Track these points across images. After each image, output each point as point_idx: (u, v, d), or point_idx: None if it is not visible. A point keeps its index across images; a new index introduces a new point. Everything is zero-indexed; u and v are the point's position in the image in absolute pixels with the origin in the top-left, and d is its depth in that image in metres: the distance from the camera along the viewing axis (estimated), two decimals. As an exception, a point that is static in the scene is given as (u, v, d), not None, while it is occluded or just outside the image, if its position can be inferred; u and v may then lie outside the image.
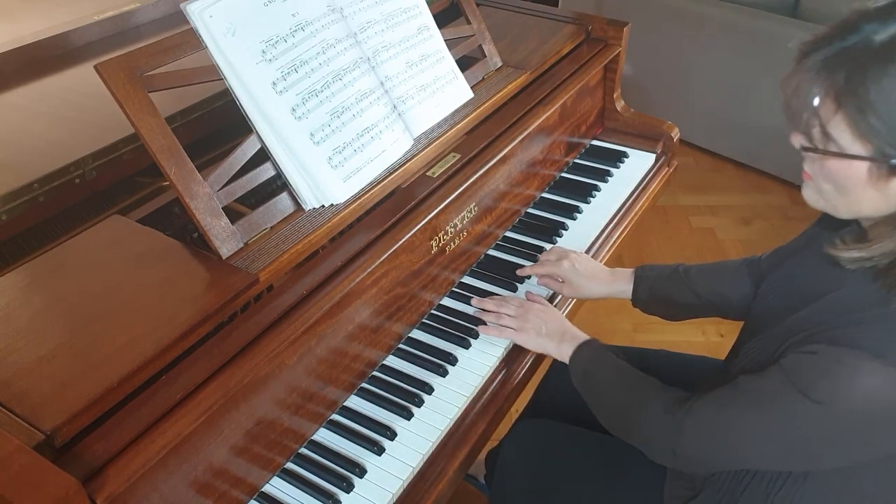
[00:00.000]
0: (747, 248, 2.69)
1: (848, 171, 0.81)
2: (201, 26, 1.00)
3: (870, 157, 0.78)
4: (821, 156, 0.82)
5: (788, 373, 0.85)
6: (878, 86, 0.74)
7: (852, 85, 0.76)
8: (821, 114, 0.80)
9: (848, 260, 0.86)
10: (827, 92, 0.78)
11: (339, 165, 1.11)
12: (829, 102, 0.79)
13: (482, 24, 1.47)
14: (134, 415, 0.83)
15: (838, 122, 0.78)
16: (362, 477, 1.04)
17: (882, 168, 0.78)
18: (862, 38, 0.76)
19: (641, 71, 3.18)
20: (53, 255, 1.01)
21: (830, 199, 0.86)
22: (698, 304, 1.27)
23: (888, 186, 0.79)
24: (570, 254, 1.36)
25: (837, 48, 0.78)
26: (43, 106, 1.29)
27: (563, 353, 1.17)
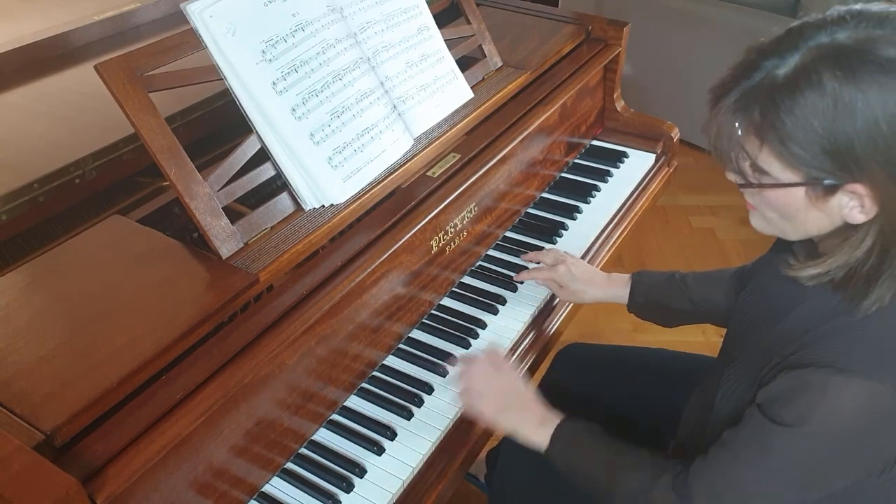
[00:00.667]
0: (747, 248, 2.69)
1: (787, 199, 0.83)
2: (201, 26, 1.00)
3: (803, 183, 0.80)
4: (759, 189, 0.84)
5: (763, 409, 0.86)
6: (793, 116, 0.76)
7: (769, 119, 0.78)
8: (748, 150, 0.83)
9: (806, 277, 0.87)
10: (747, 129, 0.81)
11: (339, 165, 1.11)
12: (752, 139, 0.81)
13: (482, 24, 1.47)
14: (134, 415, 0.83)
15: (766, 156, 0.81)
16: (362, 477, 1.04)
17: (817, 190, 0.80)
18: (765, 74, 0.79)
19: (641, 71, 3.18)
20: (53, 255, 1.01)
21: (778, 225, 0.88)
22: (693, 310, 1.27)
23: (827, 205, 0.81)
24: (567, 258, 1.35)
25: (746, 87, 0.81)
26: (43, 106, 1.29)
27: (537, 438, 1.05)
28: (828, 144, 0.76)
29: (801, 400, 0.82)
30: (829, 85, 0.74)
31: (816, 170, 0.78)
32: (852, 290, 0.83)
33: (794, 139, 0.77)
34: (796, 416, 0.82)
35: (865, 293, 0.82)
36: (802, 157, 0.78)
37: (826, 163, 0.77)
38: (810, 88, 0.75)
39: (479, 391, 1.09)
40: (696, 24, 3.01)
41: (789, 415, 0.83)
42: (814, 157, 0.77)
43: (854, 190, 0.78)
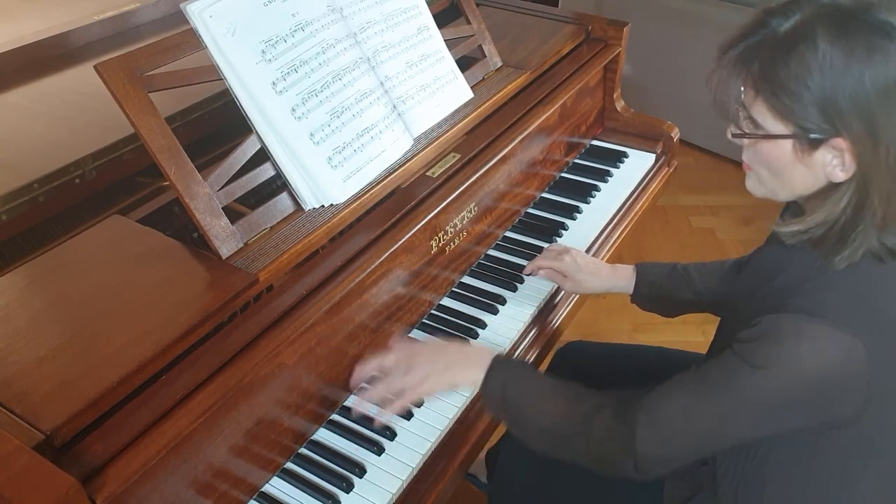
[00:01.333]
0: (747, 248, 2.66)
1: (776, 152, 0.88)
2: (201, 26, 1.00)
3: (791, 135, 0.85)
4: (752, 141, 0.90)
5: (736, 349, 0.88)
6: (786, 69, 0.82)
7: (765, 71, 0.85)
8: (744, 102, 0.89)
9: (788, 234, 0.91)
10: (745, 81, 0.88)
11: (338, 165, 1.11)
12: (748, 90, 0.88)
13: (482, 24, 1.47)
14: (134, 415, 0.83)
15: (759, 107, 0.87)
16: (362, 477, 1.03)
17: (803, 143, 0.85)
18: (769, 30, 0.86)
19: (641, 71, 3.17)
20: (53, 255, 1.01)
21: (768, 184, 0.94)
22: (696, 300, 1.30)
23: (812, 161, 0.86)
24: (571, 249, 1.37)
25: (750, 41, 0.87)
26: (43, 106, 1.29)
27: (472, 375, 1.04)
28: (816, 98, 0.81)
29: (773, 343, 0.85)
30: (822, 42, 0.80)
31: (805, 121, 0.83)
32: (827, 247, 0.88)
33: (785, 91, 0.83)
34: (765, 359, 0.85)
35: (839, 249, 0.87)
36: (792, 108, 0.83)
37: (813, 115, 0.82)
38: (804, 44, 0.81)
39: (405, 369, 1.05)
40: (696, 24, 3.01)
41: (759, 356, 0.85)
42: (802, 109, 0.83)
43: (836, 145, 0.83)
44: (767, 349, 0.85)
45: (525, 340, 1.30)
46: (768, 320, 0.86)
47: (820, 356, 0.83)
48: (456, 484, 1.11)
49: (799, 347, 0.83)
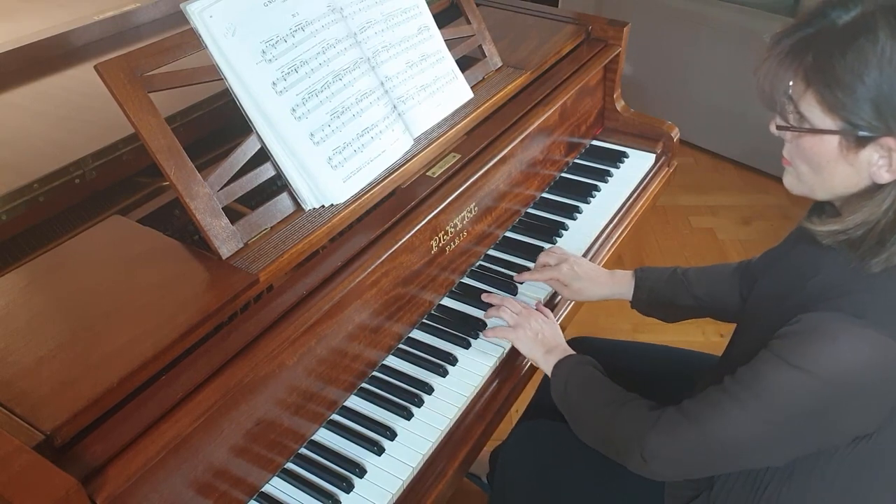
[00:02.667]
0: (747, 248, 2.69)
1: (820, 147, 0.85)
2: (201, 26, 1.00)
3: (839, 130, 0.83)
4: (796, 135, 0.87)
5: (773, 349, 0.87)
6: (843, 61, 0.80)
7: (819, 63, 0.82)
8: (792, 94, 0.86)
9: (824, 234, 0.90)
10: (797, 73, 0.84)
11: (339, 165, 1.11)
12: (799, 82, 0.85)
13: (482, 24, 1.47)
14: (134, 415, 0.83)
15: (809, 100, 0.84)
16: (362, 477, 1.03)
17: (850, 140, 0.83)
18: (827, 21, 0.83)
19: (641, 71, 3.18)
20: (53, 255, 1.01)
21: (807, 181, 0.91)
22: (696, 305, 1.28)
23: (857, 159, 0.84)
24: (570, 257, 1.36)
25: (806, 32, 0.84)
26: (43, 106, 1.29)
27: (548, 362, 1.16)
28: (870, 93, 0.79)
29: (812, 342, 0.83)
30: (883, 36, 0.78)
31: (855, 117, 0.81)
32: (864, 249, 0.86)
33: (840, 84, 0.80)
34: (804, 359, 0.83)
35: (877, 251, 0.85)
36: (844, 102, 0.81)
37: (865, 111, 0.80)
38: (864, 37, 0.79)
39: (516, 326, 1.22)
40: (696, 24, 3.01)
41: (798, 356, 0.84)
42: (855, 103, 0.80)
43: (885, 144, 0.81)
44: (805, 347, 0.84)
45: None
46: (809, 318, 0.85)
47: (859, 356, 0.81)
48: (456, 484, 1.11)
49: (838, 347, 0.82)
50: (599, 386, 1.09)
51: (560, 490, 1.22)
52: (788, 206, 2.89)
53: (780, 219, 2.84)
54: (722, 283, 1.26)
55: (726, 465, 0.96)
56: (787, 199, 2.93)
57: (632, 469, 1.01)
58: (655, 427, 0.95)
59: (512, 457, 1.30)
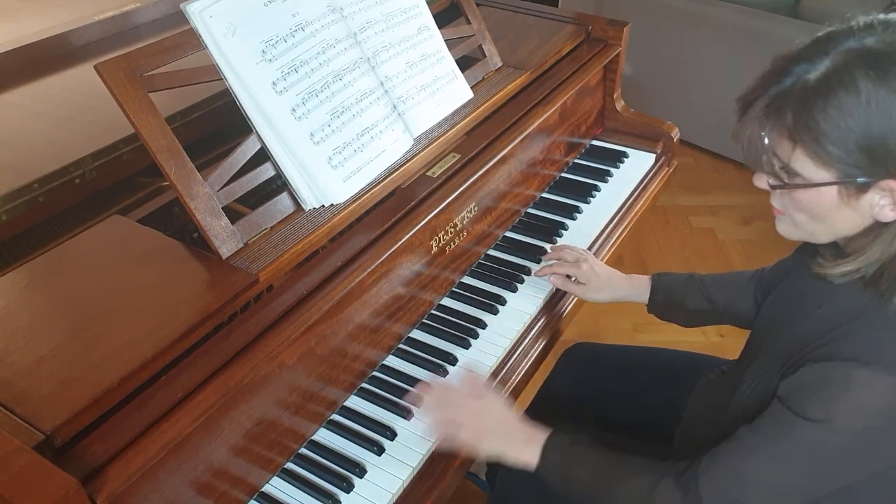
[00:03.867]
0: (747, 248, 2.69)
1: (819, 199, 0.85)
2: (201, 26, 1.00)
3: (836, 181, 0.82)
4: (791, 190, 0.86)
5: (784, 400, 0.87)
6: (826, 116, 0.79)
7: (802, 121, 0.81)
8: (779, 154, 0.85)
9: (837, 275, 0.88)
10: (780, 132, 0.83)
11: (339, 165, 1.11)
12: (784, 142, 0.83)
13: (482, 24, 1.47)
14: (134, 415, 0.83)
15: (798, 157, 0.83)
16: (362, 477, 1.03)
17: (850, 188, 0.82)
18: (796, 78, 0.82)
19: (641, 71, 3.17)
20: (53, 255, 1.01)
21: (807, 228, 0.90)
22: (711, 310, 1.28)
23: (859, 203, 0.83)
24: (589, 257, 1.36)
25: (776, 91, 0.83)
26: (43, 106, 1.29)
27: (525, 457, 1.02)
28: (862, 142, 0.78)
29: (825, 393, 0.83)
30: (864, 84, 0.77)
31: (850, 167, 0.80)
32: (883, 287, 0.85)
33: (828, 138, 0.79)
34: (820, 410, 0.83)
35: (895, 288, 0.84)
36: (837, 155, 0.80)
37: (860, 160, 0.79)
38: (843, 89, 0.78)
39: (458, 421, 1.04)
40: (696, 24, 3.01)
41: (813, 408, 0.83)
42: (848, 154, 0.80)
43: (886, 186, 0.80)
44: (819, 399, 0.83)
45: (525, 340, 1.29)
46: (815, 370, 0.84)
47: (877, 401, 0.81)
48: (456, 484, 1.11)
49: (852, 394, 0.81)
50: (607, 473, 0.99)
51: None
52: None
53: (781, 219, 2.83)
54: (738, 289, 1.25)
55: None
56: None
57: None
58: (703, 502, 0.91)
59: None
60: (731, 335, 1.13)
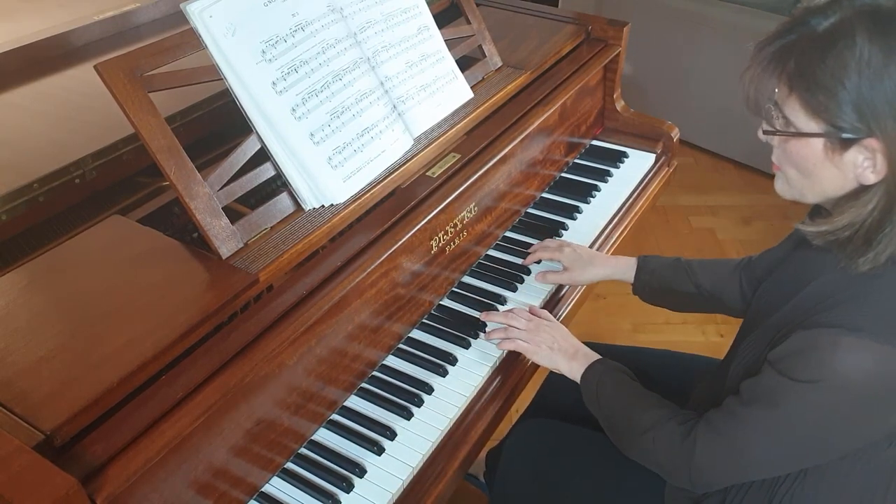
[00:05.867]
0: (747, 248, 2.69)
1: (806, 151, 0.87)
2: (201, 26, 1.00)
3: (823, 133, 0.84)
4: (783, 140, 0.89)
5: (774, 364, 0.89)
6: (823, 66, 0.82)
7: (801, 68, 0.84)
8: (777, 99, 0.88)
9: (813, 234, 0.91)
10: (780, 78, 0.87)
11: (339, 165, 1.11)
12: (782, 87, 0.87)
13: (482, 24, 1.47)
14: (134, 415, 0.83)
15: (792, 105, 0.86)
16: (362, 477, 1.04)
17: (835, 143, 0.84)
18: (807, 28, 0.85)
19: (641, 71, 3.18)
20: (53, 255, 1.01)
21: (797, 185, 0.92)
22: (697, 294, 1.30)
23: (843, 161, 0.85)
24: (571, 243, 1.40)
25: (787, 39, 0.86)
26: (43, 106, 1.29)
27: (573, 370, 1.16)
28: (851, 96, 0.81)
29: (813, 357, 0.84)
30: (861, 41, 0.79)
31: (838, 119, 0.82)
32: (851, 248, 0.87)
33: (820, 88, 0.82)
34: (808, 373, 0.84)
35: (863, 251, 0.86)
36: (826, 106, 0.82)
37: (848, 114, 0.81)
38: (843, 42, 0.80)
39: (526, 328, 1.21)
40: (696, 24, 3.01)
41: (802, 371, 0.85)
42: (837, 107, 0.82)
43: (869, 146, 0.82)
44: (807, 362, 0.85)
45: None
46: (804, 336, 0.86)
47: (863, 365, 0.82)
48: (456, 484, 1.11)
49: (839, 356, 0.82)
50: (631, 398, 1.08)
51: (560, 489, 1.22)
52: (788, 206, 2.86)
53: (780, 219, 2.83)
54: (723, 277, 1.28)
55: (763, 473, 0.98)
56: (786, 199, 2.92)
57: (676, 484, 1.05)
58: (695, 453, 0.96)
59: (512, 455, 1.30)
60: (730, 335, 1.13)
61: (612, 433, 1.10)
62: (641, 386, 1.10)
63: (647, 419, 1.04)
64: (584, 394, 1.14)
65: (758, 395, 0.91)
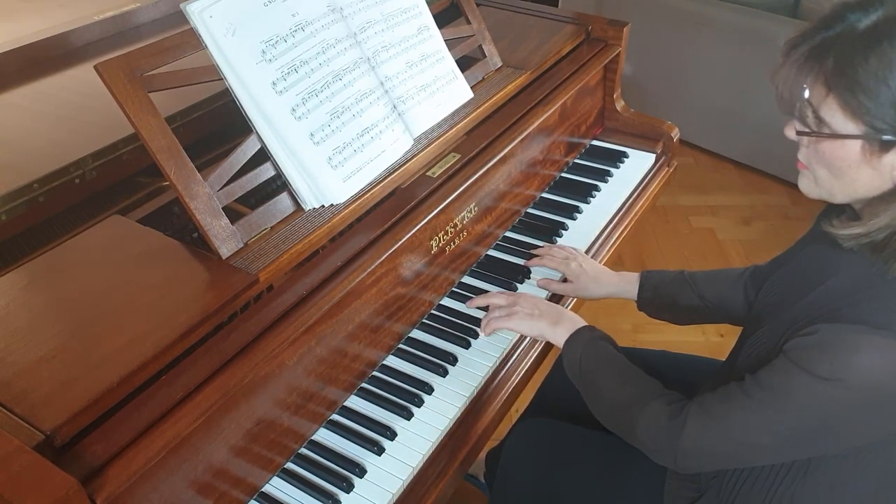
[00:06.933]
0: (747, 248, 2.69)
1: (842, 152, 0.84)
2: (201, 26, 1.00)
3: (862, 135, 0.82)
4: (815, 140, 0.86)
5: (791, 356, 0.86)
6: (866, 66, 0.78)
7: (841, 67, 0.80)
8: (812, 100, 0.84)
9: (846, 237, 0.88)
10: (816, 77, 0.83)
11: (339, 165, 1.11)
12: (819, 87, 0.83)
13: (482, 24, 1.47)
14: (134, 415, 0.83)
15: (830, 105, 0.83)
16: (362, 477, 1.03)
17: (874, 145, 0.82)
18: (847, 25, 0.82)
19: (641, 71, 3.18)
20: (53, 255, 1.01)
21: (826, 185, 0.89)
22: (702, 306, 1.28)
23: (881, 162, 0.82)
24: (577, 255, 1.38)
25: (824, 37, 0.83)
26: (43, 106, 1.29)
27: (558, 335, 1.15)
28: (895, 97, 0.78)
29: (834, 353, 0.82)
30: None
31: (879, 122, 0.80)
32: (888, 252, 0.84)
33: (863, 89, 0.79)
34: (828, 368, 0.82)
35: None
36: (868, 107, 0.79)
37: (890, 115, 0.79)
38: (888, 41, 0.78)
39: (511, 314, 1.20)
40: (696, 24, 3.01)
41: (820, 365, 0.83)
42: (879, 108, 0.79)
43: None
44: (829, 358, 0.82)
45: (526, 339, 1.29)
46: (827, 330, 0.84)
47: (886, 366, 0.80)
48: (456, 484, 1.11)
49: (861, 357, 0.81)
50: (615, 371, 1.07)
51: (560, 488, 1.22)
52: (788, 206, 2.89)
53: (780, 219, 2.83)
54: (728, 286, 1.26)
55: (753, 461, 0.97)
56: (787, 199, 2.93)
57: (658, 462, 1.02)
58: (683, 433, 0.94)
59: (513, 456, 1.30)
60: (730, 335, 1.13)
61: (592, 404, 1.09)
62: (626, 359, 1.08)
63: (632, 394, 1.02)
64: (566, 361, 1.12)
65: (767, 383, 0.88)
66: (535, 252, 1.42)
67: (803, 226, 1.11)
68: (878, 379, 0.81)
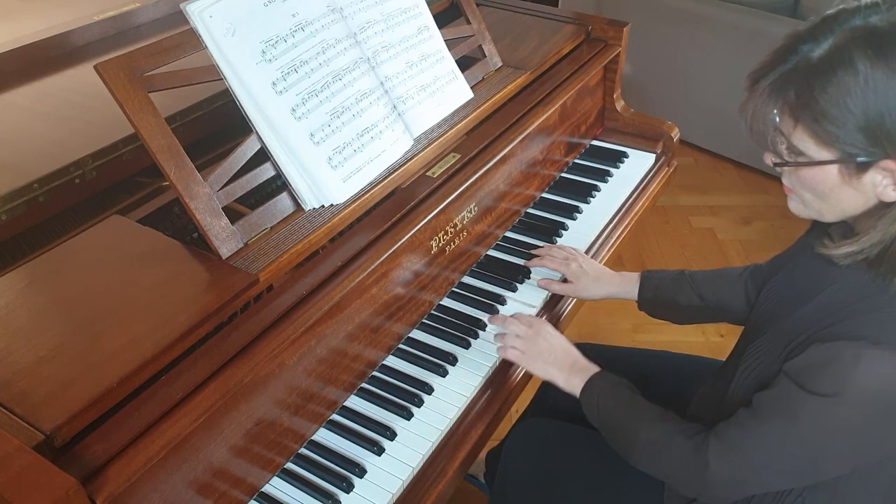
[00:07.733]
0: (747, 248, 2.69)
1: (821, 177, 0.85)
2: (201, 26, 1.00)
3: (837, 160, 0.83)
4: (794, 168, 0.87)
5: (793, 377, 0.87)
6: (826, 95, 0.80)
7: (803, 99, 0.82)
8: (783, 130, 0.86)
9: (841, 256, 0.89)
10: (782, 109, 0.85)
11: (338, 165, 1.11)
12: (787, 119, 0.85)
13: (482, 24, 1.47)
14: (134, 415, 0.83)
15: (800, 135, 0.84)
16: (362, 477, 1.04)
17: (850, 167, 0.83)
18: (801, 57, 0.83)
19: (641, 71, 3.18)
20: (53, 255, 1.01)
21: (814, 206, 0.91)
22: (702, 306, 1.28)
23: (861, 182, 0.83)
24: (578, 256, 1.38)
25: (782, 70, 0.84)
26: (43, 106, 1.29)
27: (571, 384, 1.13)
28: (860, 122, 0.79)
29: (834, 371, 0.83)
30: (862, 64, 0.78)
31: (850, 146, 0.81)
32: (885, 267, 0.85)
33: (827, 117, 0.80)
34: (829, 387, 0.83)
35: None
36: (836, 134, 0.81)
37: (859, 139, 0.80)
38: (843, 68, 0.79)
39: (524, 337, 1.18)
40: (696, 24, 3.01)
41: (822, 385, 0.83)
42: (847, 134, 0.80)
43: (886, 166, 0.81)
44: (827, 376, 0.83)
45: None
46: (824, 349, 0.84)
47: (885, 379, 0.81)
48: (456, 484, 1.11)
49: (860, 371, 0.81)
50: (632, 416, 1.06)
51: (560, 488, 1.22)
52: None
53: (780, 219, 2.83)
54: (728, 285, 1.26)
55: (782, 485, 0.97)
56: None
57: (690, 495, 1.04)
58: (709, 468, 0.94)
59: (512, 456, 1.30)
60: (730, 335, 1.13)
61: (616, 446, 1.08)
62: (643, 398, 1.08)
63: (653, 434, 1.02)
64: (586, 409, 1.11)
65: (775, 409, 0.89)
66: (535, 252, 1.42)
67: (803, 225, 1.10)
68: (880, 391, 0.81)
